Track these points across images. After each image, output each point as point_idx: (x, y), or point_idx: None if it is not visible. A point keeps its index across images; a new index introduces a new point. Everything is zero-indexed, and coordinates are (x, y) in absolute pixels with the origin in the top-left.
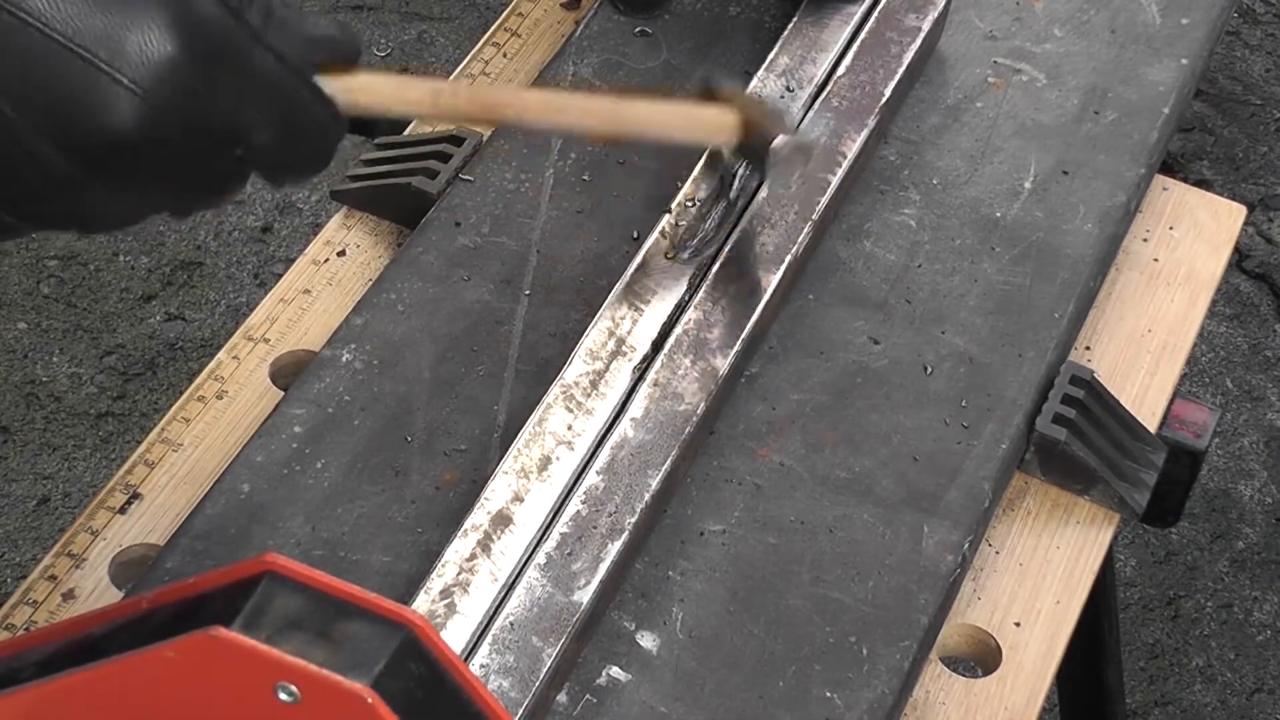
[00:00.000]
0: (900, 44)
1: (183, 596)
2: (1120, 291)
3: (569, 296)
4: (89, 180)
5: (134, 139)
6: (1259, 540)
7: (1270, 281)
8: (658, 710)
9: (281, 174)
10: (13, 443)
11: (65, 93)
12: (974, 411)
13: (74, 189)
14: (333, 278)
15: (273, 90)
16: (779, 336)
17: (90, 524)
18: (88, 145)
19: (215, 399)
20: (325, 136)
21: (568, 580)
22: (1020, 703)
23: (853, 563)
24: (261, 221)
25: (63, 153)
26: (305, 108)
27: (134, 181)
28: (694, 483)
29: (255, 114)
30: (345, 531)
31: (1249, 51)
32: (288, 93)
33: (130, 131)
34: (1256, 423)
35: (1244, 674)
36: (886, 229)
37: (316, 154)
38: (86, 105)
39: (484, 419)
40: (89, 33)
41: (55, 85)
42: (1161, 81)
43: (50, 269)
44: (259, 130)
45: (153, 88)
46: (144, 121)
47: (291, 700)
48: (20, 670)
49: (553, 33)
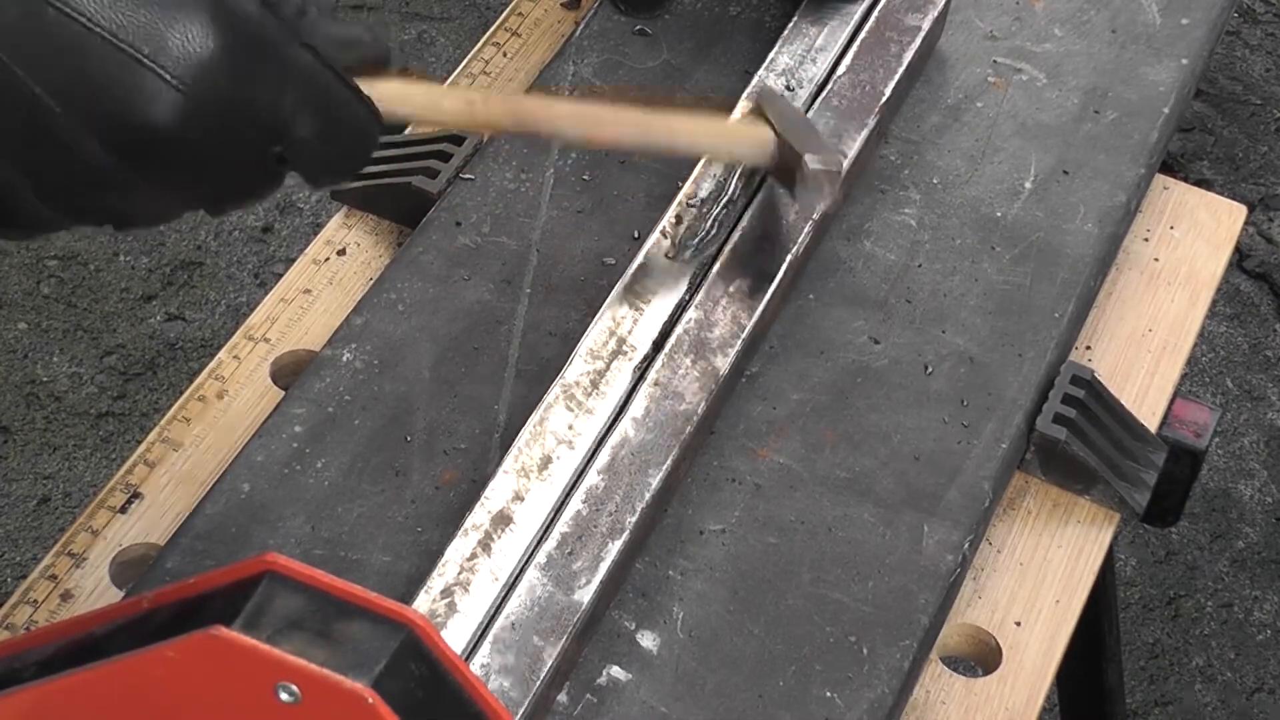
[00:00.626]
0: (900, 44)
1: (183, 596)
2: (1120, 291)
3: (569, 296)
4: (129, 174)
5: (175, 133)
6: (1259, 540)
7: (1270, 281)
8: (658, 710)
9: (321, 173)
10: (13, 443)
11: (108, 87)
12: (974, 411)
13: (114, 183)
14: (333, 277)
15: (311, 85)
16: (779, 336)
17: (90, 524)
18: (129, 139)
19: (216, 399)
20: (364, 134)
21: (568, 580)
22: (1020, 703)
23: (853, 563)
24: (262, 221)
25: (104, 146)
26: (344, 104)
27: (174, 176)
28: (694, 482)
29: (294, 109)
30: (345, 531)
31: (1249, 51)
32: (325, 87)
33: (171, 126)
34: (1256, 423)
35: (1244, 674)
36: (886, 229)
37: (355, 152)
38: (129, 100)
39: (484, 418)
40: (132, 28)
41: (98, 79)
42: (1161, 81)
43: (50, 269)
44: (298, 125)
45: (194, 83)
46: (185, 116)
47: (292, 700)
48: (21, 670)
49: (553, 33)
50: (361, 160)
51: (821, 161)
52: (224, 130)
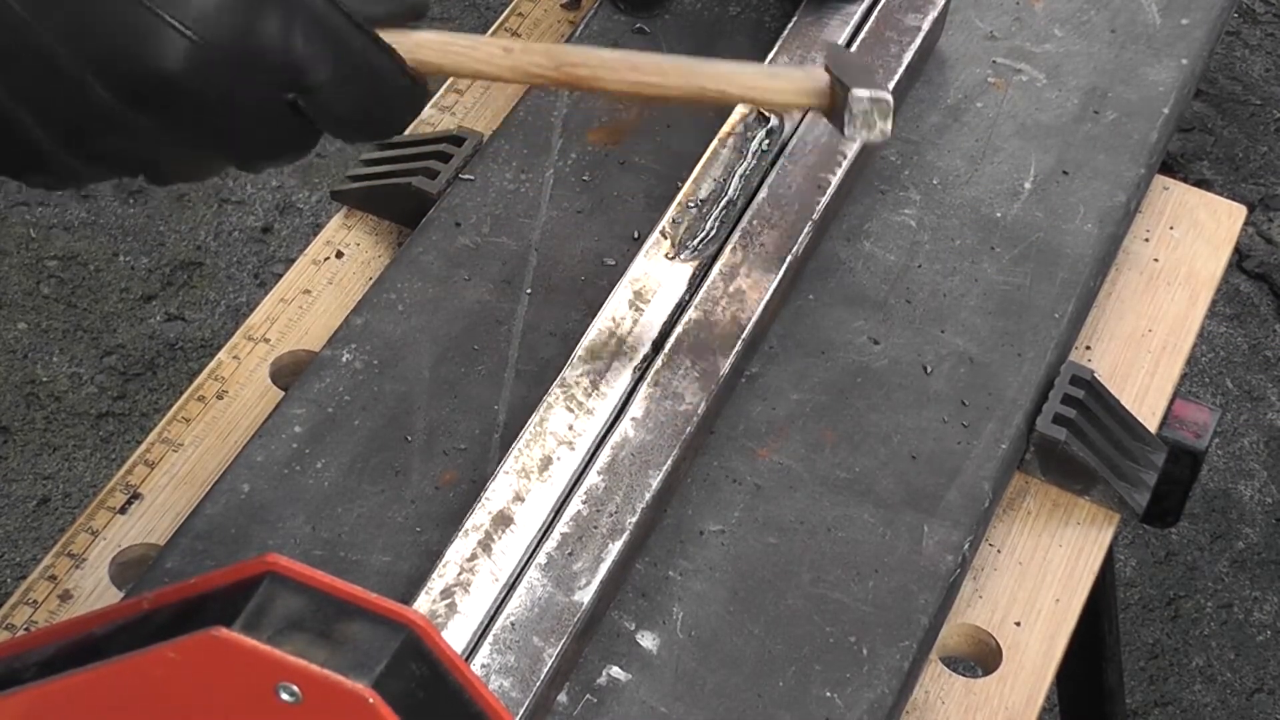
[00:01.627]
0: (900, 43)
1: (184, 597)
2: (1120, 291)
3: (569, 296)
4: (141, 119)
5: (181, 78)
6: (1259, 540)
7: (1270, 281)
8: (658, 710)
9: (347, 126)
10: (13, 443)
11: (113, 32)
12: (974, 411)
13: (127, 128)
14: (333, 278)
15: (323, 29)
16: (779, 336)
17: (90, 524)
18: (135, 83)
19: (215, 399)
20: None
21: (568, 580)
22: (1020, 703)
23: (853, 563)
24: (261, 221)
25: (111, 91)
26: (359, 50)
27: (186, 122)
28: (694, 483)
29: (306, 54)
30: (345, 531)
31: (1249, 51)
32: (338, 31)
33: (178, 71)
34: (1256, 423)
35: (1244, 674)
36: (886, 229)
37: (384, 108)
38: (134, 44)
39: (484, 419)
40: None
41: (104, 23)
42: (1161, 81)
43: (50, 269)
44: (312, 72)
45: (200, 28)
46: (191, 61)
47: (293, 700)
48: (21, 670)
49: (553, 33)
50: (395, 112)
51: (871, 94)
52: (233, 75)
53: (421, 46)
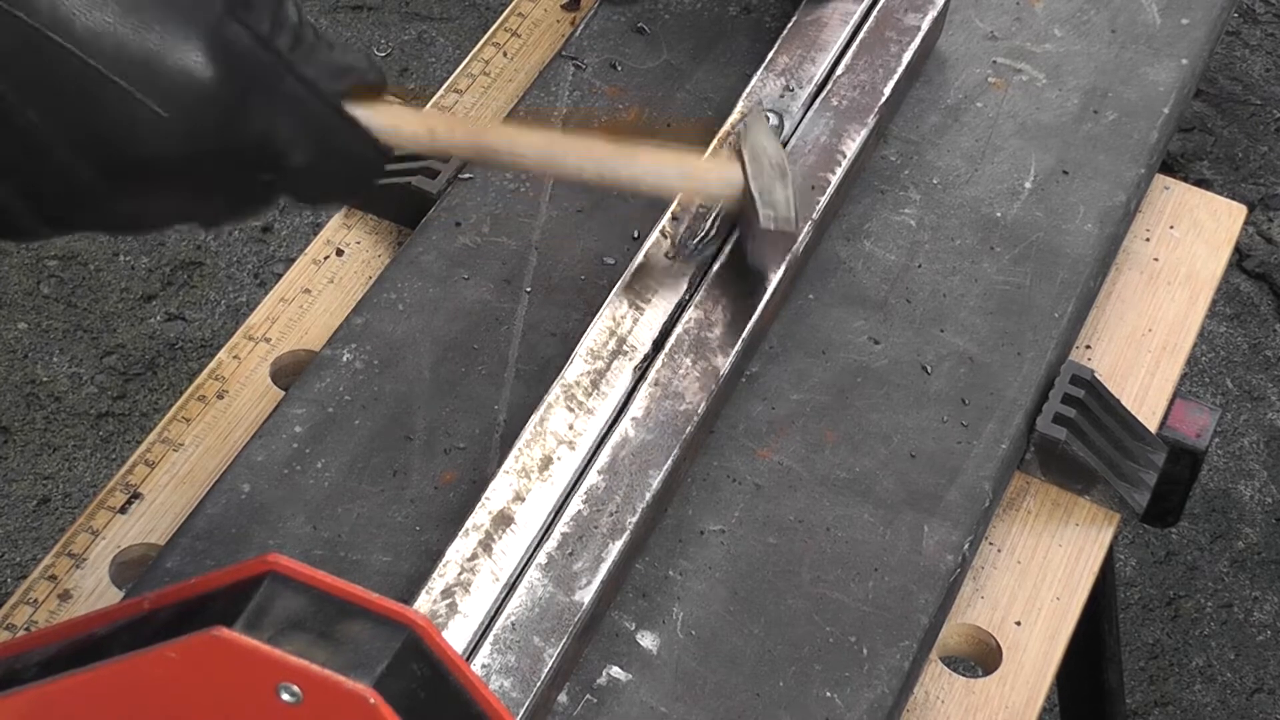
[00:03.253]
0: (900, 43)
1: (184, 597)
2: (1120, 291)
3: (569, 296)
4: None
5: (166, 164)
6: (1259, 540)
7: (1270, 281)
8: (658, 710)
9: (318, 198)
10: (13, 443)
11: (101, 118)
12: (974, 411)
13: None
14: (333, 277)
15: (303, 115)
16: (779, 336)
17: (90, 524)
18: (123, 168)
19: (216, 399)
20: (362, 160)
21: (569, 580)
22: (1020, 703)
23: (853, 563)
24: (261, 221)
25: (99, 173)
26: (336, 132)
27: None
28: (694, 483)
29: (287, 140)
30: (346, 531)
31: (1249, 51)
32: (318, 118)
33: (162, 157)
34: (1256, 423)
35: (1244, 674)
36: (886, 229)
37: (352, 179)
38: (122, 131)
39: (484, 418)
40: (127, 61)
41: (93, 111)
42: (1161, 81)
43: (50, 269)
44: (292, 156)
45: (186, 116)
46: (176, 147)
47: (294, 700)
48: (22, 670)
49: (553, 33)
50: (363, 184)
51: (775, 222)
52: (215, 161)
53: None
